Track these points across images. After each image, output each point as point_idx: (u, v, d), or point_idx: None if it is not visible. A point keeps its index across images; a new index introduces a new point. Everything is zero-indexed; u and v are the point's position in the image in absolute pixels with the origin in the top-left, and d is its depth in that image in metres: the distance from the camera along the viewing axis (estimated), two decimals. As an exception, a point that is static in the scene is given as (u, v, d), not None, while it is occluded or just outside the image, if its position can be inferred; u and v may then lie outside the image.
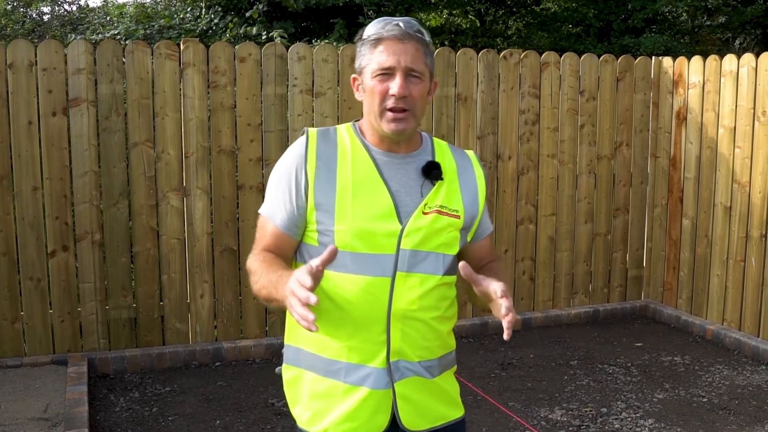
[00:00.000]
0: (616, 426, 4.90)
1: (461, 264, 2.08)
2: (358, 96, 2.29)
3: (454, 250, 2.31)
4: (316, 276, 1.90)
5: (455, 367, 2.48)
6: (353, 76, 2.30)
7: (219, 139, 5.96)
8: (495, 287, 2.06)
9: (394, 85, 2.16)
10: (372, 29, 2.22)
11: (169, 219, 5.89)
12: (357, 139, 2.28)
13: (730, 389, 5.54)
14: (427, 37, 2.24)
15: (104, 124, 5.68)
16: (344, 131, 2.31)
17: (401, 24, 2.19)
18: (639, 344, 6.53)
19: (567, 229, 7.14)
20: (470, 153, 2.46)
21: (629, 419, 5.01)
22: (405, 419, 2.25)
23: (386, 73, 2.18)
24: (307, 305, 1.82)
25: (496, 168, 6.77)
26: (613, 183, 7.31)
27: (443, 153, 2.37)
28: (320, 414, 2.24)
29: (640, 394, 5.44)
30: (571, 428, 4.87)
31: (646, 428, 4.88)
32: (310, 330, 1.81)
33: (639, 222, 7.49)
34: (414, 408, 2.27)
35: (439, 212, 2.25)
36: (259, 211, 2.32)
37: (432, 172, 2.26)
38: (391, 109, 2.18)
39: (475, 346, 6.37)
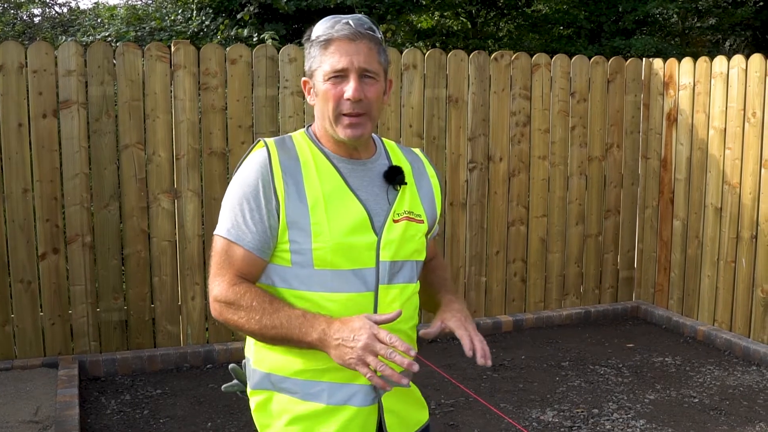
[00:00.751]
0: (608, 427, 4.91)
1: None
2: (309, 100, 2.18)
3: (423, 256, 2.28)
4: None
5: None
6: (304, 79, 2.19)
7: (210, 141, 5.95)
8: (461, 335, 2.11)
9: (349, 89, 2.05)
10: (320, 29, 2.11)
11: (160, 221, 5.87)
12: (315, 148, 2.16)
13: (721, 390, 5.56)
14: (380, 34, 2.14)
15: (95, 126, 5.67)
16: (300, 139, 2.19)
17: (351, 22, 2.08)
18: (630, 345, 6.54)
19: (558, 230, 7.15)
20: (419, 152, 2.39)
21: (620, 420, 5.01)
22: (391, 431, 2.19)
23: (339, 76, 2.06)
24: None
25: (487, 169, 6.78)
26: (604, 184, 7.32)
27: (396, 155, 2.29)
28: None
29: (631, 394, 5.45)
30: (562, 429, 4.88)
31: (638, 429, 4.88)
32: (384, 389, 1.83)
33: (630, 223, 7.50)
34: (398, 419, 2.22)
35: (409, 219, 2.19)
36: (218, 233, 2.12)
37: (396, 177, 2.19)
38: (346, 114, 2.07)
39: (466, 348, 6.37)
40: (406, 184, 2.21)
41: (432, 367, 5.72)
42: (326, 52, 2.08)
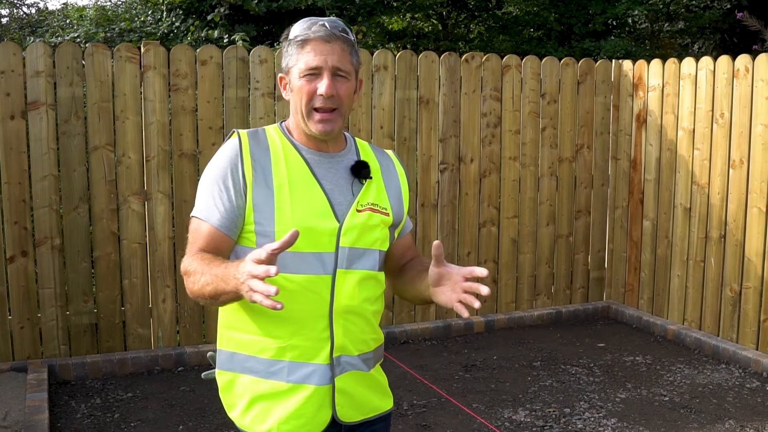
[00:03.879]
0: (579, 426, 4.94)
1: (436, 243, 2.10)
2: (285, 95, 2.32)
3: (386, 246, 2.38)
4: (271, 260, 1.86)
5: (383, 359, 2.51)
6: (280, 75, 2.34)
7: (180, 143, 5.92)
8: (470, 268, 2.12)
9: (322, 85, 2.20)
10: (298, 30, 2.25)
11: (130, 223, 5.83)
12: (286, 139, 2.31)
13: (691, 388, 5.60)
14: (352, 37, 2.28)
15: (64, 128, 5.62)
16: (273, 131, 2.34)
17: (327, 24, 2.22)
18: (601, 345, 6.58)
19: (529, 231, 7.18)
20: (390, 153, 2.52)
21: (592, 419, 5.04)
22: (340, 412, 2.28)
23: (313, 73, 2.21)
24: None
25: (458, 171, 6.80)
26: (575, 185, 7.37)
27: (367, 153, 2.42)
28: (263, 414, 2.25)
29: (602, 394, 5.48)
30: (534, 429, 4.90)
31: (609, 428, 4.92)
32: (275, 308, 1.79)
33: (600, 224, 7.55)
34: (350, 401, 2.31)
35: (372, 210, 2.31)
36: (192, 214, 2.28)
37: (362, 171, 2.32)
38: (318, 109, 2.23)
39: (438, 348, 6.39)
40: (371, 178, 2.34)
41: (404, 368, 5.73)
42: (302, 51, 2.22)
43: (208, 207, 2.23)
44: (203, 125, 5.95)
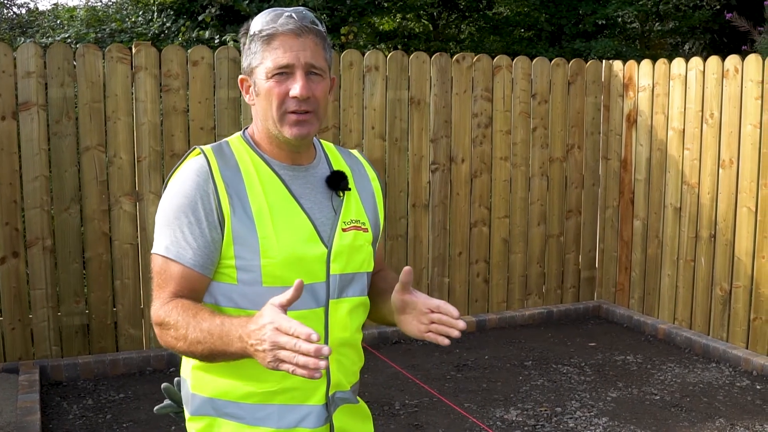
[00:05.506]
0: (571, 425, 4.96)
1: (406, 270, 1.95)
2: (248, 100, 2.04)
3: (372, 267, 2.15)
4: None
5: None
6: (241, 77, 2.06)
7: (172, 144, 5.92)
8: (437, 303, 1.92)
9: (296, 86, 1.93)
10: (261, 23, 1.98)
11: (121, 224, 5.83)
12: (254, 154, 2.03)
13: (681, 387, 5.63)
14: (323, 28, 2.01)
15: (55, 128, 5.61)
16: (238, 145, 2.05)
17: (294, 15, 1.95)
18: (592, 344, 6.60)
19: (520, 231, 7.19)
20: (358, 154, 2.26)
21: (583, 418, 5.06)
22: None
23: (284, 72, 1.94)
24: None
25: (449, 171, 6.81)
26: (566, 185, 7.38)
27: (336, 158, 2.17)
28: None
29: (594, 393, 5.50)
30: (526, 428, 4.91)
31: (600, 426, 4.94)
32: (313, 378, 1.61)
33: (591, 224, 7.57)
34: None
35: (357, 228, 2.07)
36: (156, 252, 1.96)
37: (339, 183, 2.07)
38: (293, 112, 1.95)
39: (430, 348, 6.40)
40: (350, 190, 2.10)
41: (396, 368, 5.74)
42: (269, 48, 1.95)
43: (176, 243, 1.93)
44: (195, 126, 5.95)
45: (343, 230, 2.04)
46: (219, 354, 1.82)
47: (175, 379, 2.21)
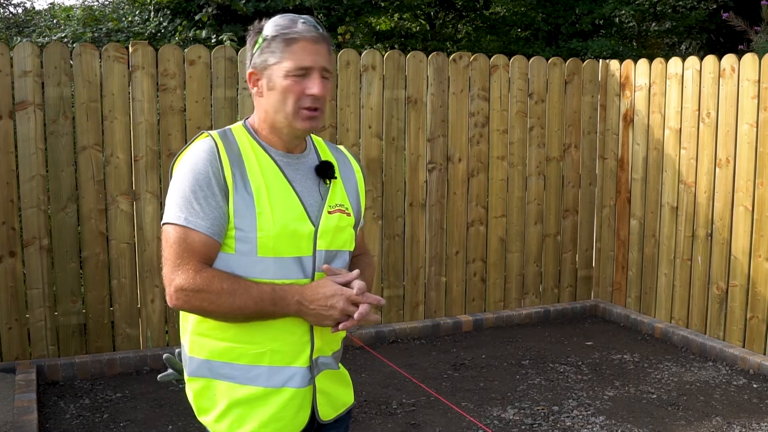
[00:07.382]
0: (568, 424, 4.96)
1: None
2: (256, 93, 2.27)
3: (353, 246, 2.43)
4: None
5: None
6: (250, 71, 2.27)
7: (168, 143, 5.91)
8: (355, 285, 2.23)
9: (314, 86, 2.19)
10: (280, 26, 2.22)
11: (118, 223, 5.83)
12: (254, 141, 2.28)
13: (678, 385, 5.63)
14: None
15: (52, 128, 5.61)
16: (240, 133, 2.30)
17: (313, 24, 2.23)
18: (589, 343, 6.61)
19: (517, 230, 7.20)
20: (344, 149, 2.53)
21: (581, 417, 5.07)
22: (322, 412, 2.32)
23: (302, 74, 2.19)
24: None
25: (446, 170, 6.81)
26: (562, 184, 7.39)
27: (324, 151, 2.43)
28: (241, 420, 2.23)
29: (590, 391, 5.51)
30: (523, 427, 4.92)
31: (597, 425, 4.94)
32: (370, 318, 2.22)
33: (588, 223, 7.58)
34: (328, 400, 2.36)
35: (341, 211, 2.33)
36: (171, 220, 2.19)
37: (327, 171, 2.33)
38: (307, 108, 2.21)
39: (427, 348, 6.40)
40: (336, 178, 2.36)
41: (393, 367, 5.74)
42: (289, 49, 2.18)
43: (195, 215, 2.15)
44: (192, 125, 5.95)
45: (329, 212, 2.30)
46: (266, 315, 2.16)
47: (176, 349, 2.43)
